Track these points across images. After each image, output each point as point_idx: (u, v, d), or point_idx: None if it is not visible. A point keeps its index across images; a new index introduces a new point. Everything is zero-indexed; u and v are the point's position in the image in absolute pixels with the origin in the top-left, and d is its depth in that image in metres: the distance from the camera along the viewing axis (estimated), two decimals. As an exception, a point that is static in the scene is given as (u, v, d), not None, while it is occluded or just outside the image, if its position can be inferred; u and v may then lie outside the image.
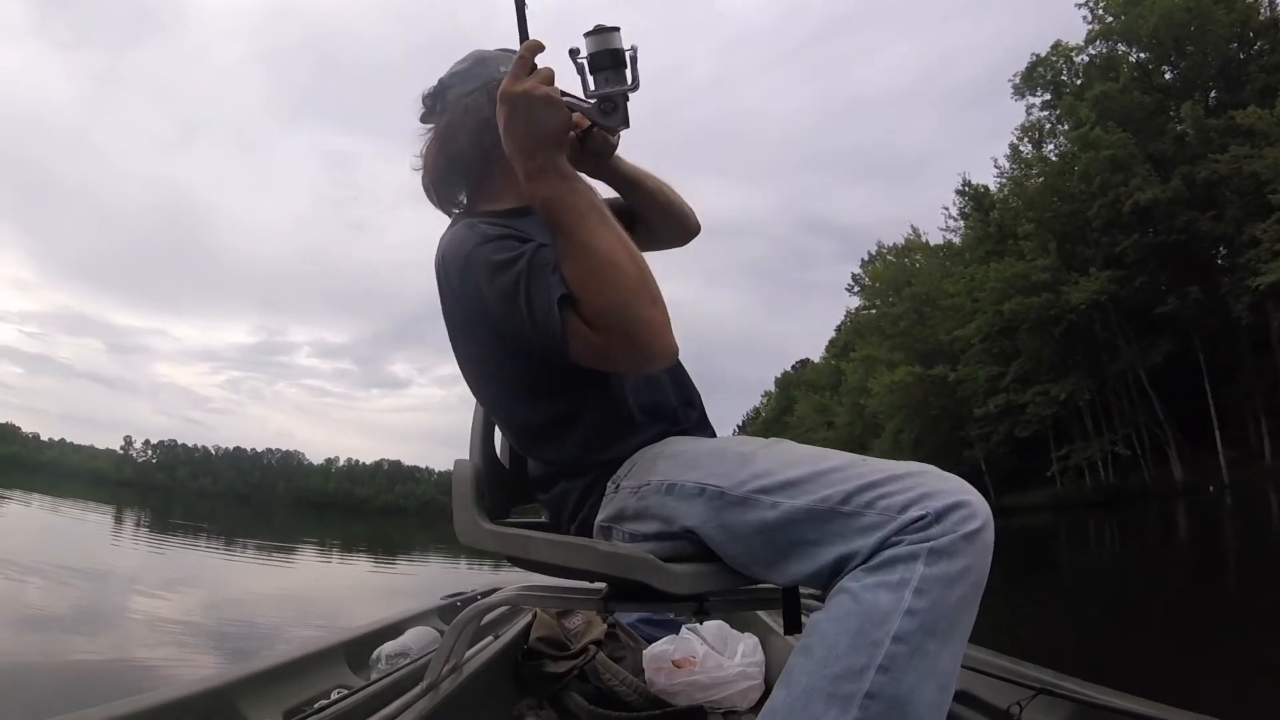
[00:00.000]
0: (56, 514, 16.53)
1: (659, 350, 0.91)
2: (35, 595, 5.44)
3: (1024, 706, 1.27)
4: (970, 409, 31.80)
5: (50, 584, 5.89)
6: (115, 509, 23.10)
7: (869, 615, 0.71)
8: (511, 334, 0.98)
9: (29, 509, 17.01)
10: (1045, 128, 32.20)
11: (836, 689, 0.69)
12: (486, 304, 0.97)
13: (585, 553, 1.00)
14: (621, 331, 0.89)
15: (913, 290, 36.68)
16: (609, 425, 1.05)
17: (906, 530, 0.74)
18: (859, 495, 0.79)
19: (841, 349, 48.95)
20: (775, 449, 0.93)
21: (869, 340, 40.30)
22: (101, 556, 9.23)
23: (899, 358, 35.59)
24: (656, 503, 0.95)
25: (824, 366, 55.59)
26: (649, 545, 0.95)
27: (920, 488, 0.77)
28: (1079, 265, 27.50)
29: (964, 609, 0.73)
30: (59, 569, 6.82)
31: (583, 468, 1.07)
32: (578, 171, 1.00)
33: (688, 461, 0.96)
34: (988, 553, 0.75)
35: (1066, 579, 8.95)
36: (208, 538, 12.46)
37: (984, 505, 0.76)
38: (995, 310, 28.99)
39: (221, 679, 1.19)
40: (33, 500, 20.79)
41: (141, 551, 11.06)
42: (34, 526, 12.91)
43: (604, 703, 1.61)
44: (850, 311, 48.45)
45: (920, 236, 41.12)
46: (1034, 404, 28.80)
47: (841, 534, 0.78)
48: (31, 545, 9.23)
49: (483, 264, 0.97)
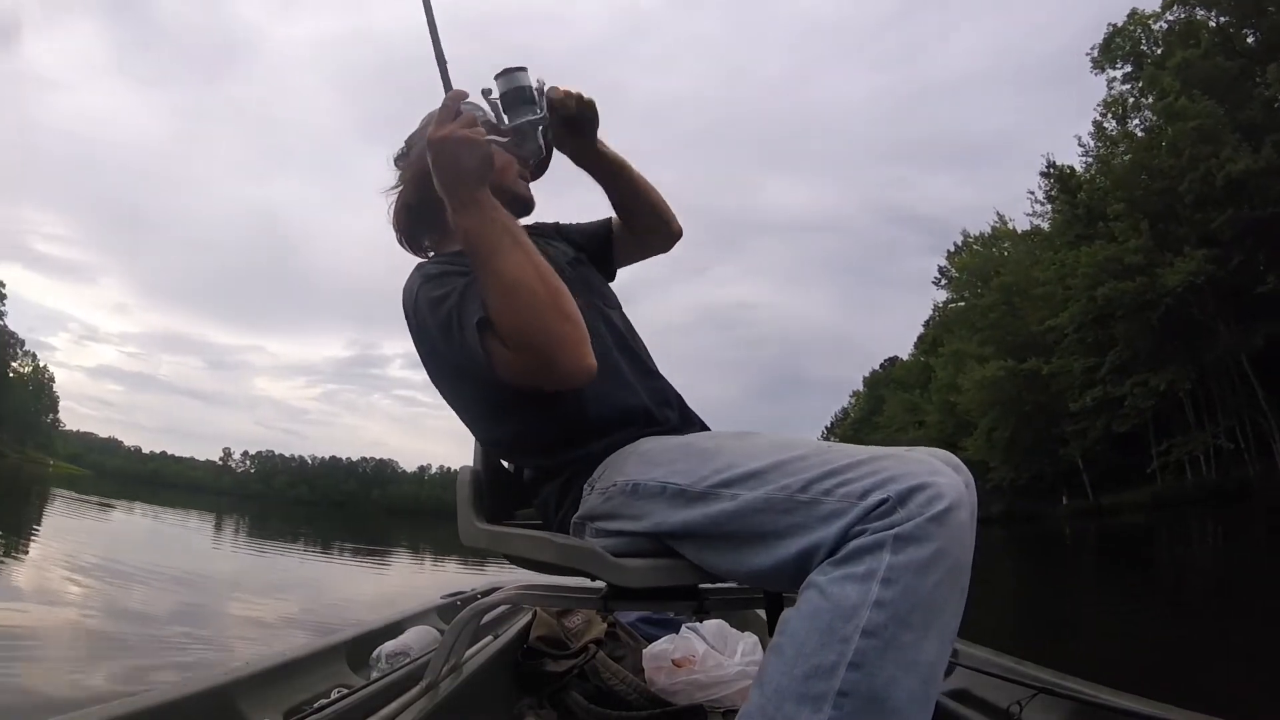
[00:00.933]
0: (159, 521, 17.05)
1: (571, 365, 0.94)
2: (139, 596, 5.58)
3: (1024, 706, 1.26)
4: (1065, 404, 29.99)
5: (152, 589, 6.02)
6: (215, 516, 23.61)
7: (837, 610, 0.68)
8: (455, 363, 1.04)
9: (132, 516, 17.41)
10: (1129, 102, 30.41)
11: (808, 689, 0.67)
12: (434, 338, 1.06)
13: (546, 546, 1.06)
14: (532, 348, 0.94)
15: (1001, 280, 35.02)
16: (573, 433, 1.09)
17: (869, 518, 0.71)
18: (819, 483, 0.77)
19: (930, 345, 47.55)
20: (741, 441, 0.93)
21: (958, 334, 38.87)
22: (202, 561, 9.44)
23: (989, 352, 34.28)
24: (621, 503, 0.98)
25: (913, 363, 53.64)
26: (613, 541, 0.98)
27: (883, 472, 0.74)
28: (1173, 245, 25.69)
29: (943, 595, 0.69)
30: (161, 573, 6.99)
31: (555, 472, 1.12)
32: (564, 153, 1.19)
33: (652, 460, 0.97)
34: (964, 533, 0.71)
35: (1163, 582, 8.34)
36: (305, 543, 13.03)
37: (954, 484, 0.72)
38: (1088, 297, 27.44)
39: (221, 679, 1.20)
40: (136, 508, 21.30)
41: (241, 556, 11.50)
42: (137, 533, 13.25)
43: (604, 702, 1.61)
44: (938, 305, 46.99)
45: (1007, 223, 39.43)
46: (1132, 396, 27.06)
47: (802, 524, 0.77)
48: (135, 551, 9.45)
49: (425, 302, 1.06)
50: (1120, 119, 30.72)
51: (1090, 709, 1.20)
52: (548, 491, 1.13)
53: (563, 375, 0.96)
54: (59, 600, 4.87)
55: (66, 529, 11.39)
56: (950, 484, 0.72)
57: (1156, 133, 26.96)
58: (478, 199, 0.97)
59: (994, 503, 36.05)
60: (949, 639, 0.71)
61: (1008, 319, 34.34)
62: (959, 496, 0.72)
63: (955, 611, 0.71)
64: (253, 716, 1.17)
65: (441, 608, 2.11)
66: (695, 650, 1.73)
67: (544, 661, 1.74)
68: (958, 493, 0.72)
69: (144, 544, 11.39)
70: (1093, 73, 31.21)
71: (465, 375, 1.07)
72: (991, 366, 32.63)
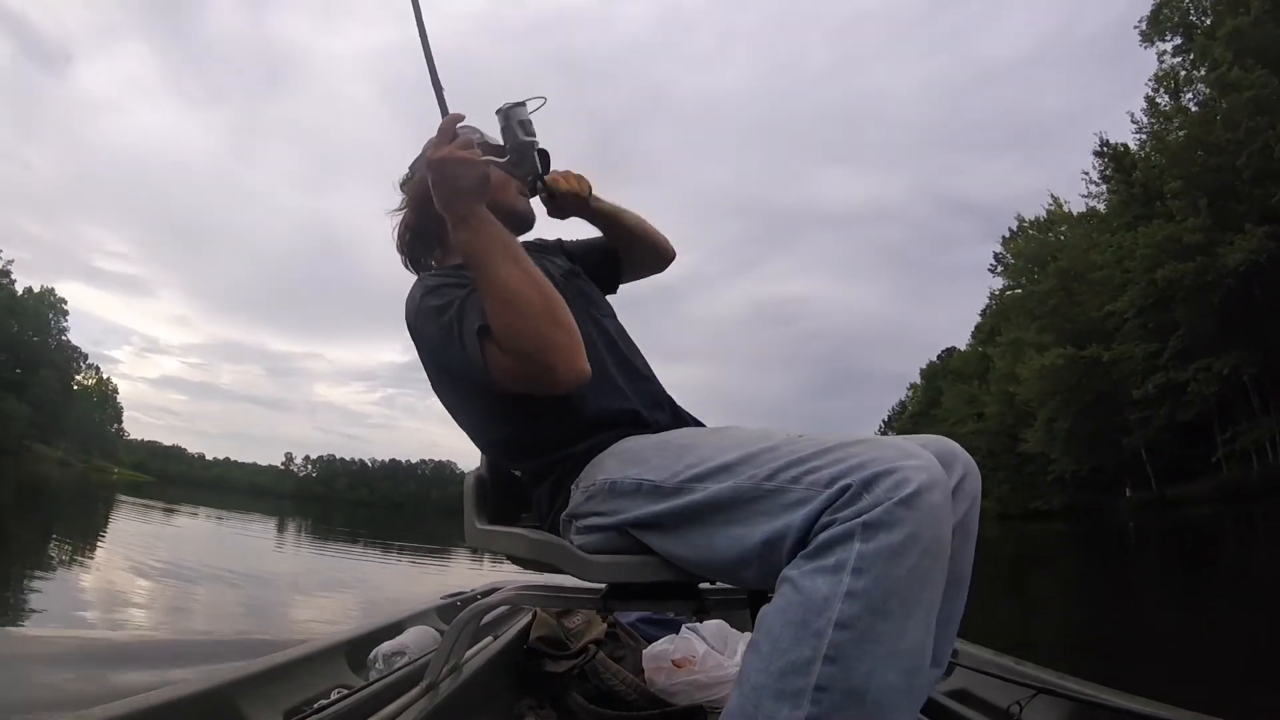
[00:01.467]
0: (222, 524, 17.27)
1: (565, 370, 0.98)
2: (203, 596, 5.68)
3: (1024, 706, 1.27)
4: (1127, 392, 29.09)
5: (217, 586, 6.15)
6: (278, 519, 23.87)
7: (809, 604, 0.68)
8: (455, 369, 1.09)
9: (197, 520, 17.70)
10: (1180, 75, 29.45)
11: (784, 685, 0.67)
12: (434, 345, 1.11)
13: (520, 541, 1.14)
14: (526, 354, 0.97)
15: (1058, 265, 33.83)
16: (565, 435, 1.11)
17: (836, 506, 0.71)
18: (785, 471, 0.77)
19: (988, 334, 46.40)
20: (718, 435, 0.94)
21: (1016, 322, 37.79)
22: (265, 561, 9.63)
23: (1048, 339, 33.10)
24: (600, 501, 1.00)
25: (970, 354, 52.53)
26: (592, 538, 1.01)
27: (851, 459, 0.73)
28: (1233, 223, 24.66)
29: (919, 581, 0.68)
30: (225, 572, 7.13)
31: (546, 472, 1.14)
32: (558, 218, 1.31)
33: (631, 459, 1.00)
34: (936, 515, 0.69)
35: (1231, 584, 7.92)
36: (364, 544, 13.34)
37: (922, 467, 0.70)
38: (1147, 280, 26.50)
39: (221, 679, 1.20)
40: (200, 512, 21.63)
41: (303, 555, 11.75)
42: (201, 535, 13.47)
43: (604, 702, 1.61)
44: (994, 293, 45.95)
45: (1062, 206, 38.34)
46: (1195, 382, 25.99)
47: (766, 512, 0.77)
48: (199, 552, 9.68)
49: (426, 311, 1.10)
50: (1173, 93, 29.89)
51: (1090, 709, 1.20)
52: (540, 492, 1.16)
53: (557, 380, 0.98)
54: (125, 600, 4.98)
55: (131, 532, 11.66)
56: (919, 466, 0.70)
57: (1211, 106, 25.96)
58: (475, 215, 1.02)
59: (1055, 496, 35.64)
60: (931, 625, 0.70)
61: (1066, 305, 33.17)
62: (929, 479, 0.70)
63: (934, 598, 0.70)
64: (253, 716, 1.18)
65: (441, 608, 2.13)
66: (695, 650, 1.72)
67: (544, 662, 1.75)
68: (928, 475, 0.70)
69: (207, 545, 11.63)
70: (1142, 46, 30.40)
71: (463, 381, 1.11)
72: (1050, 354, 31.50)
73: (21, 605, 4.38)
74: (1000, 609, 5.63)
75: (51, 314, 79.85)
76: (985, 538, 0.97)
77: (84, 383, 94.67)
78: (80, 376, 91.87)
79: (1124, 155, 33.05)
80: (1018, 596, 6.57)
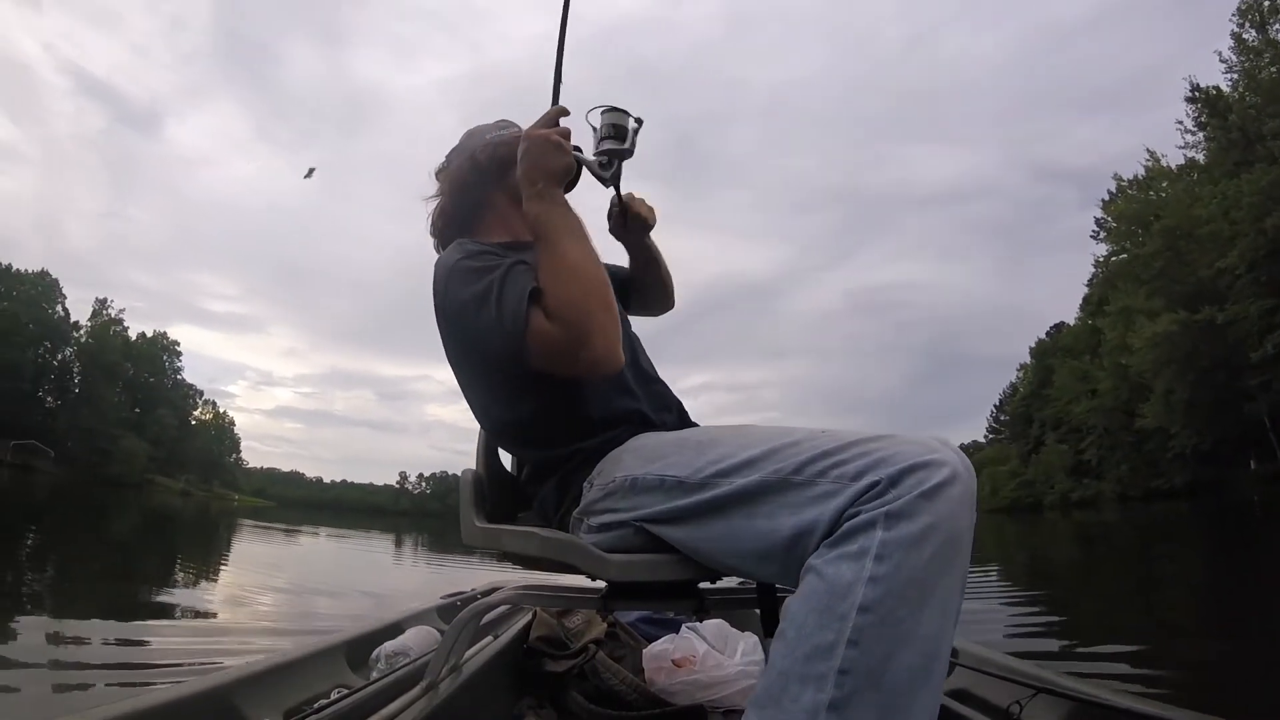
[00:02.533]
0: (342, 543, 17.73)
1: (603, 350, 1.00)
2: (324, 608, 5.69)
3: (1024, 705, 1.27)
4: (1245, 354, 26.27)
5: (337, 601, 6.19)
6: (395, 536, 24.11)
7: (833, 590, 0.69)
8: (480, 335, 1.06)
9: (317, 540, 18.21)
10: (1265, 5, 27.08)
11: (809, 669, 0.68)
12: (465, 307, 1.07)
13: (531, 540, 1.08)
14: (572, 323, 0.99)
15: (1162, 224, 30.97)
16: (574, 428, 1.11)
17: (863, 499, 0.72)
18: (811, 465, 0.78)
19: (1096, 305, 43.44)
20: (737, 432, 0.94)
21: (1124, 290, 34.91)
22: (385, 577, 9.72)
23: (1158, 304, 30.58)
24: (619, 498, 0.99)
25: (1080, 327, 49.21)
26: (608, 536, 0.99)
27: (876, 453, 0.75)
28: None
29: (939, 569, 0.70)
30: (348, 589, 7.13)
31: (554, 467, 1.13)
32: (622, 242, 1.39)
33: (649, 455, 1.00)
34: (959, 506, 0.71)
35: None
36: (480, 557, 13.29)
37: (946, 462, 0.72)
38: (1256, 230, 24.24)
39: (221, 679, 1.20)
40: (320, 532, 22.34)
41: (420, 570, 11.76)
42: (324, 554, 13.86)
43: (604, 702, 1.60)
44: (1098, 260, 41.59)
45: (1160, 161, 35.34)
46: None
47: (794, 504, 0.78)
48: (322, 570, 9.98)
49: (463, 271, 1.09)
50: (1259, 26, 27.50)
51: (1090, 708, 1.21)
52: (547, 489, 1.15)
53: (594, 358, 1.00)
54: (253, 615, 5.02)
55: (253, 553, 11.94)
56: (944, 461, 0.73)
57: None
58: (552, 192, 1.08)
59: (1176, 473, 33.17)
60: (951, 612, 0.71)
61: (1174, 266, 30.34)
62: (953, 473, 0.72)
63: (954, 587, 0.72)
64: (253, 716, 1.17)
65: (441, 608, 2.12)
66: (695, 650, 1.73)
67: (544, 661, 1.74)
68: (951, 470, 0.72)
69: (328, 562, 11.93)
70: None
71: (489, 350, 1.07)
72: (1162, 320, 29.07)
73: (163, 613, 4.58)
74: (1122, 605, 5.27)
75: (165, 355, 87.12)
76: (1105, 522, 0.95)
77: (202, 417, 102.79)
78: (198, 412, 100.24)
79: (1217, 98, 30.36)
80: (1141, 590, 6.03)
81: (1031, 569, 9.26)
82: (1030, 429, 56.65)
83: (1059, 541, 15.17)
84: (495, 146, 1.33)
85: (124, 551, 9.33)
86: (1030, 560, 10.79)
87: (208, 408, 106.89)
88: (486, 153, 1.33)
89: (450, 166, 1.38)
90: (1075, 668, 1.42)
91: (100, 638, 3.38)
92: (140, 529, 14.83)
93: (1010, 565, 9.52)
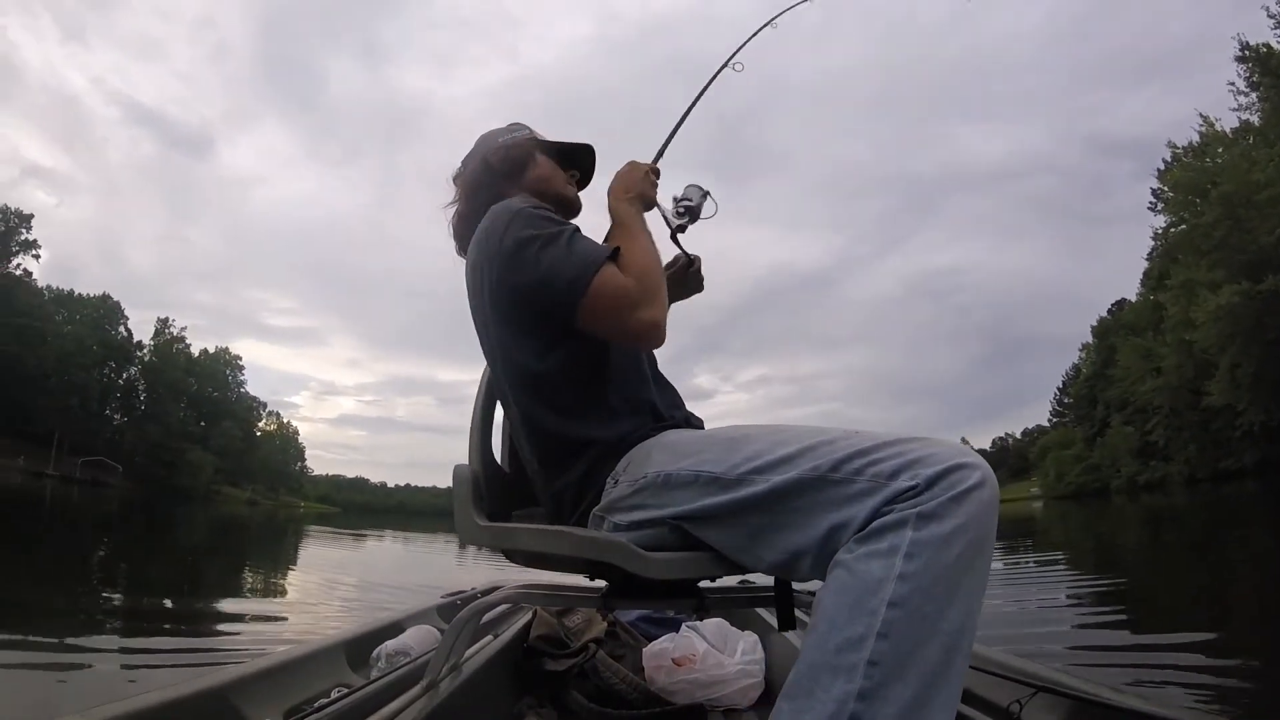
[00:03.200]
0: (407, 545, 18.08)
1: (659, 316, 1.09)
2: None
3: (1024, 704, 1.26)
4: None
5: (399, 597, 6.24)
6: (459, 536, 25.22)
7: (864, 585, 0.73)
8: (540, 270, 1.10)
9: (383, 543, 18.64)
10: None
11: (840, 660, 0.71)
12: (528, 240, 1.12)
13: (563, 539, 1.05)
14: (645, 284, 1.09)
15: (1220, 191, 29.41)
16: (597, 400, 1.14)
17: (898, 499, 0.76)
18: (848, 463, 0.81)
19: (1158, 279, 41.14)
20: (769, 430, 0.96)
21: (1185, 262, 33.30)
22: (447, 575, 9.78)
23: (1221, 276, 29.05)
24: (652, 494, 0.99)
25: (1142, 304, 47.57)
26: (634, 534, 0.99)
27: (911, 453, 0.78)
28: None
29: (965, 568, 0.73)
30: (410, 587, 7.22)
31: (574, 457, 1.12)
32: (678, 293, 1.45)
33: (681, 451, 1.00)
34: (986, 510, 0.75)
35: None
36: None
37: (977, 466, 0.77)
38: None
39: (221, 679, 1.21)
40: (386, 535, 22.89)
41: (483, 567, 12.21)
42: (389, 556, 14.27)
43: (604, 701, 1.61)
44: (1157, 233, 40.24)
45: (1214, 125, 33.38)
46: None
47: (831, 501, 0.80)
48: (385, 570, 10.24)
49: (530, 215, 1.15)
50: None
51: (1090, 708, 1.20)
52: (563, 485, 1.13)
53: (650, 318, 1.08)
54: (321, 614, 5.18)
55: (321, 556, 12.30)
56: (975, 465, 0.77)
57: None
58: (636, 204, 1.25)
59: (1246, 452, 31.97)
60: (973, 609, 0.74)
61: (1235, 235, 28.92)
62: (983, 477, 0.76)
63: (978, 585, 0.75)
64: (253, 716, 1.18)
65: (441, 607, 2.13)
66: (695, 649, 1.72)
67: (544, 661, 1.74)
68: (981, 474, 0.76)
69: (393, 563, 12.23)
70: None
71: (541, 286, 1.11)
72: (1225, 292, 27.75)
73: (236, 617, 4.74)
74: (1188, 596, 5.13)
75: (228, 370, 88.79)
76: (1174, 506, 0.93)
77: (266, 428, 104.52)
78: (262, 423, 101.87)
79: (1269, 56, 29.04)
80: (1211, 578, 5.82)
81: (1098, 558, 9.09)
82: (1095, 411, 55.04)
83: (1127, 528, 14.67)
84: (507, 149, 1.36)
85: (195, 555, 9.73)
86: (1097, 548, 10.66)
87: (272, 419, 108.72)
88: (498, 155, 1.36)
89: (465, 171, 1.41)
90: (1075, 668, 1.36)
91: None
92: (210, 535, 15.35)
93: (1078, 553, 9.46)
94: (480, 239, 1.19)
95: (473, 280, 1.22)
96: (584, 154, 1.43)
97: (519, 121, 1.43)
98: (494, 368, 1.23)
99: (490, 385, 1.33)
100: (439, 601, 2.16)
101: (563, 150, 1.41)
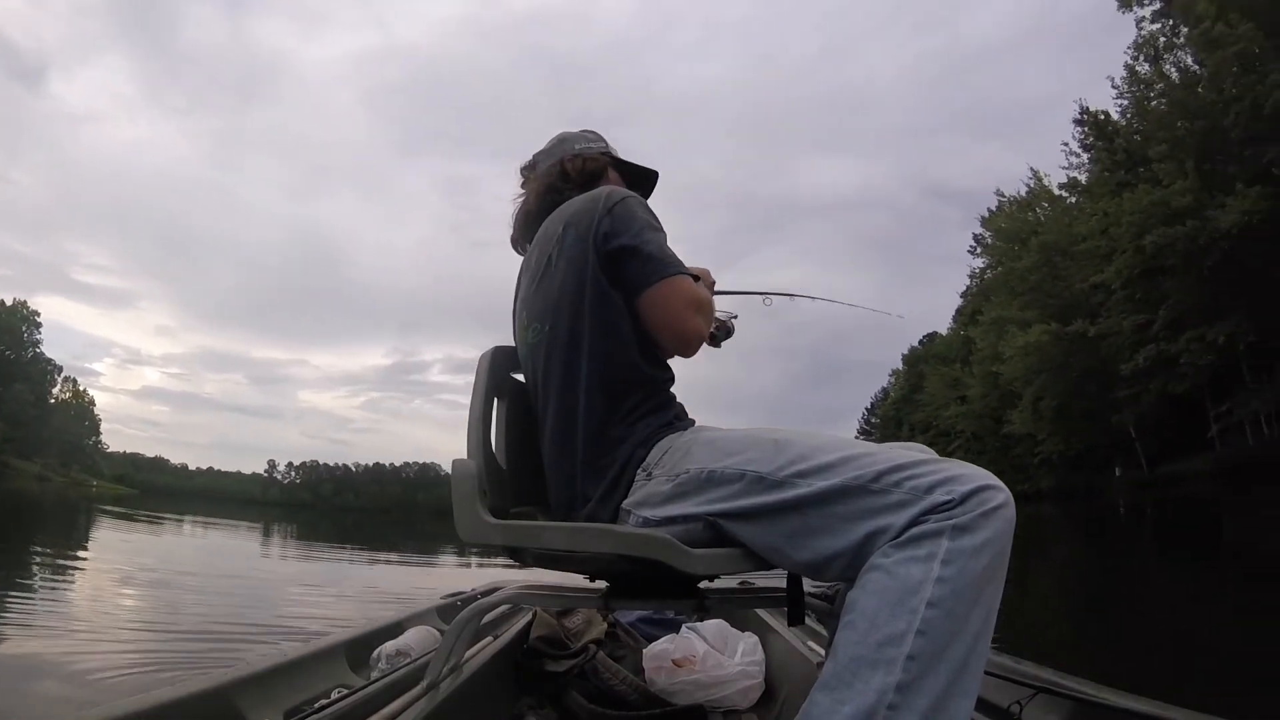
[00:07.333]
0: (207, 534, 17.36)
1: (702, 330, 1.25)
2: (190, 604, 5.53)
3: (1024, 705, 1.27)
4: (1116, 367, 27.32)
5: (203, 595, 6.01)
6: (263, 526, 23.86)
7: (904, 586, 0.80)
8: (643, 243, 1.19)
9: (181, 531, 17.53)
10: (1160, 42, 27.74)
11: (881, 654, 0.77)
12: (642, 221, 1.22)
13: (603, 537, 1.02)
14: (707, 303, 1.29)
15: (1041, 239, 32.42)
16: (652, 378, 1.21)
17: (934, 511, 0.83)
18: (888, 475, 0.88)
19: (969, 316, 44.92)
20: (804, 434, 1.01)
21: (998, 301, 36.34)
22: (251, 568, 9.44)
23: (1032, 315, 31.81)
24: (694, 490, 1.02)
25: (952, 337, 51.30)
26: (672, 530, 1.00)
27: (945, 472, 0.86)
28: (1223, 185, 22.74)
29: (989, 576, 0.81)
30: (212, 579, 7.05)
31: (620, 439, 1.14)
32: None
33: (724, 449, 1.03)
34: (1008, 527, 0.84)
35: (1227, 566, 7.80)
36: (352, 548, 13.21)
37: (1003, 489, 0.86)
38: (1135, 248, 25.02)
39: (221, 679, 1.21)
40: (185, 522, 21.58)
41: (290, 563, 11.60)
42: (187, 546, 13.53)
43: (604, 702, 1.61)
44: (974, 272, 43.98)
45: (1043, 179, 36.42)
46: (1189, 352, 24.22)
47: (871, 509, 0.87)
48: (185, 561, 9.67)
49: (643, 205, 1.27)
50: (1152, 60, 28.03)
51: (1090, 708, 1.21)
52: (582, 475, 1.14)
53: (697, 328, 1.23)
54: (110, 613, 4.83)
55: (113, 544, 11.57)
56: (999, 487, 0.86)
57: (1191, 73, 24.68)
58: (707, 291, 1.40)
59: (1043, 477, 34.96)
60: (992, 613, 0.82)
61: (1049, 280, 31.93)
62: (1006, 498, 0.85)
63: (997, 592, 0.83)
64: (253, 716, 1.19)
65: (441, 608, 2.13)
66: (695, 650, 1.73)
67: (544, 661, 1.74)
68: (1005, 495, 0.85)
69: (191, 556, 11.50)
70: (1119, 11, 28.33)
71: (630, 258, 1.20)
72: (1035, 331, 30.35)
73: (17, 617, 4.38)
74: None
75: (24, 327, 78.40)
76: None
77: (60, 396, 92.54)
78: (57, 390, 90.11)
79: (1105, 122, 31.18)
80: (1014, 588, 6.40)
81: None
82: (900, 431, 58.48)
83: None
84: (584, 161, 1.42)
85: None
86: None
87: (68, 386, 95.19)
88: (575, 165, 1.41)
89: (538, 169, 1.45)
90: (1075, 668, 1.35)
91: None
92: None
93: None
94: (588, 202, 1.25)
95: (562, 238, 1.24)
96: (651, 179, 1.51)
97: (592, 129, 1.50)
98: (553, 345, 1.22)
99: (492, 375, 1.30)
100: (439, 602, 2.16)
101: (634, 171, 1.48)
